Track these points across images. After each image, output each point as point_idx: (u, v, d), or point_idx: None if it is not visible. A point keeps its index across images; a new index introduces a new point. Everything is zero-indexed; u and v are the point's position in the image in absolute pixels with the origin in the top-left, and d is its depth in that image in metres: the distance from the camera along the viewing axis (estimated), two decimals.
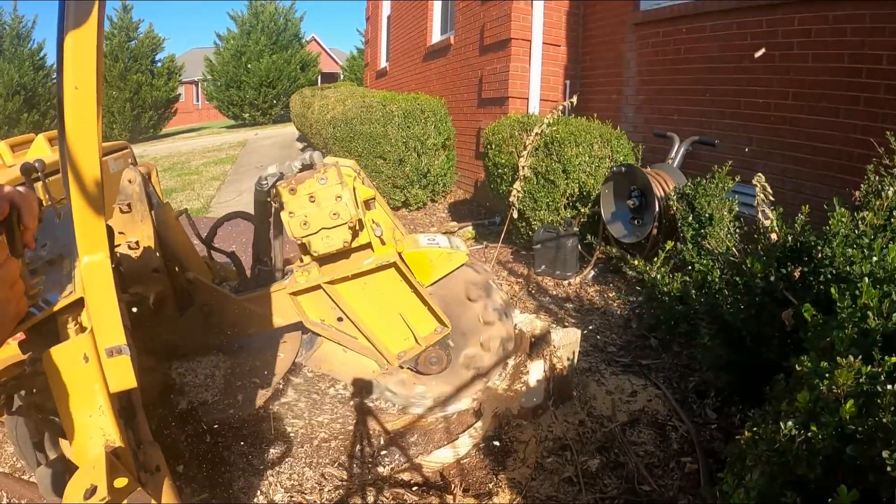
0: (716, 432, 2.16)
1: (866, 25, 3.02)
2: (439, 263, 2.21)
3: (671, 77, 4.43)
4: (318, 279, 2.06)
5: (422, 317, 2.19)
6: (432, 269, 2.20)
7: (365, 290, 2.11)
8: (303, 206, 1.87)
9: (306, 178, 1.87)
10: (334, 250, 1.94)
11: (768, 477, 1.13)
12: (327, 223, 1.88)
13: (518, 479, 1.97)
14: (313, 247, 1.93)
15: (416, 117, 5.97)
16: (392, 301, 2.15)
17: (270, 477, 2.08)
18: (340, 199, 1.86)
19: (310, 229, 1.88)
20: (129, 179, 2.00)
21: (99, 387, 1.08)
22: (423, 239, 2.28)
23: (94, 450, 1.08)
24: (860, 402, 1.03)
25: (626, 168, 3.70)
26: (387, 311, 2.17)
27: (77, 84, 0.94)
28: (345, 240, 1.91)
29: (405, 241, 2.25)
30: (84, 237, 1.03)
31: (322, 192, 1.86)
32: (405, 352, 2.22)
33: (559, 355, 2.29)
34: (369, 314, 2.16)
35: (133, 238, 2.00)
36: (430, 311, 2.17)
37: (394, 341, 2.22)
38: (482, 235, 5.18)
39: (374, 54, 11.81)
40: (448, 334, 2.22)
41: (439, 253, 2.21)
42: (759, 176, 2.44)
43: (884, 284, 1.28)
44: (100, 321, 1.06)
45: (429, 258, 2.20)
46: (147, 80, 19.58)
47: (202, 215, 6.79)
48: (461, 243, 2.34)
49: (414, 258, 2.16)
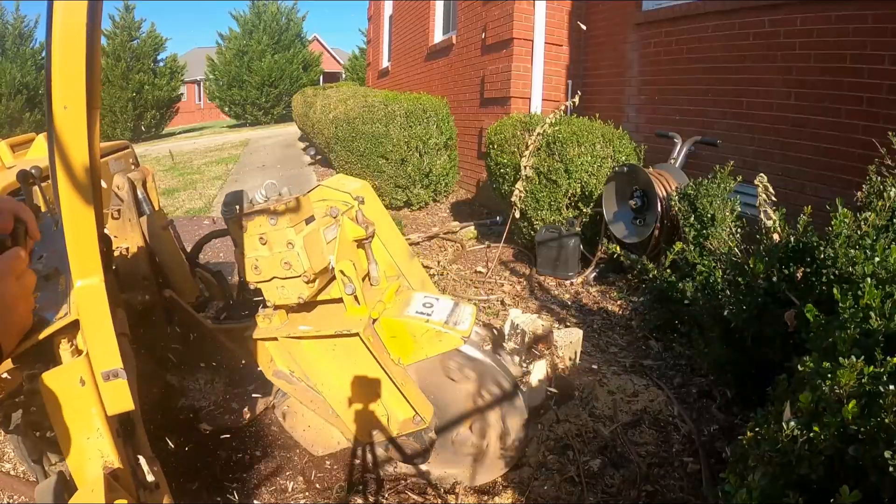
0: (718, 432, 2.16)
1: (868, 26, 3.01)
2: (425, 342, 1.73)
3: (673, 77, 4.43)
4: (277, 331, 1.73)
5: (398, 397, 1.72)
6: (415, 347, 1.73)
7: (334, 352, 1.71)
8: (254, 248, 1.56)
9: (256, 214, 1.53)
10: (290, 304, 1.64)
11: (770, 477, 1.13)
12: (279, 272, 1.55)
13: (520, 478, 1.97)
14: (268, 296, 1.64)
15: (419, 117, 5.97)
16: (365, 372, 1.73)
17: (268, 479, 2.09)
18: (292, 246, 1.51)
19: (261, 275, 1.58)
20: (117, 186, 1.90)
21: (96, 410, 1.08)
22: (418, 302, 1.82)
23: (92, 471, 1.08)
24: (862, 403, 1.03)
25: (629, 168, 3.70)
26: (359, 380, 1.74)
27: (66, 104, 0.90)
28: (300, 294, 1.58)
29: (394, 302, 1.81)
30: (78, 261, 1.01)
31: (272, 235, 1.52)
32: (377, 430, 1.80)
33: (561, 355, 2.29)
34: (339, 380, 1.76)
35: (124, 244, 1.92)
36: (404, 398, 1.71)
37: (366, 416, 1.78)
38: (484, 235, 5.18)
39: (377, 54, 11.81)
40: (426, 427, 1.76)
41: (425, 330, 1.72)
42: (761, 176, 2.44)
43: (886, 285, 1.28)
44: (95, 345, 1.06)
45: (411, 332, 1.72)
46: (149, 80, 19.64)
47: (204, 214, 6.80)
48: (467, 316, 1.80)
49: (394, 328, 1.73)
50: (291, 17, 23.04)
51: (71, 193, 0.95)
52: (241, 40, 21.94)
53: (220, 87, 22.15)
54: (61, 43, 0.86)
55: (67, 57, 0.88)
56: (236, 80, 21.73)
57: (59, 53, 0.87)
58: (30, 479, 2.08)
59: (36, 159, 2.04)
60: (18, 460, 2.22)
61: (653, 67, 4.68)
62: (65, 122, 0.91)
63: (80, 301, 1.03)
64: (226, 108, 22.56)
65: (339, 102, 7.22)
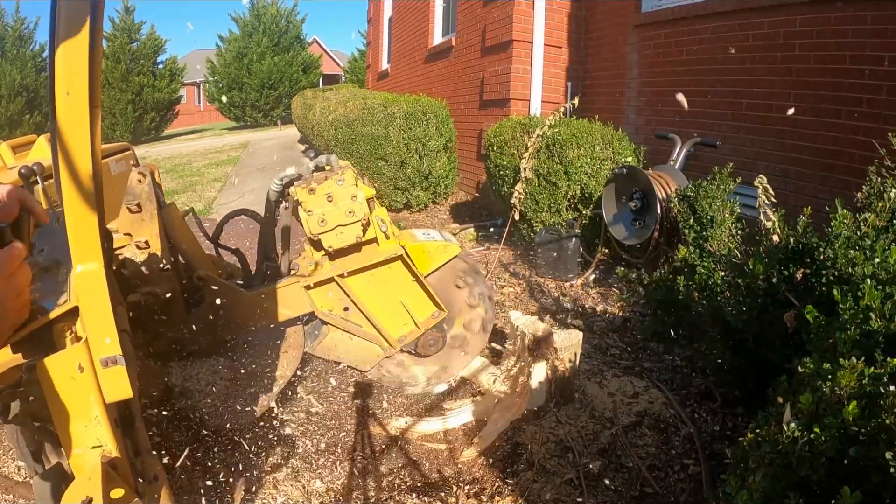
0: (718, 434, 2.16)
1: (868, 27, 3.02)
2: (437, 254, 2.42)
3: (673, 78, 4.43)
4: (331, 272, 2.20)
5: (420, 303, 2.37)
6: (430, 260, 2.41)
7: (371, 281, 2.28)
8: (321, 205, 2.04)
9: (325, 179, 2.05)
10: (347, 245, 2.10)
11: (771, 479, 1.12)
12: (343, 220, 2.05)
13: (520, 480, 1.97)
14: (328, 242, 2.09)
15: (418, 119, 5.97)
16: (394, 290, 2.33)
17: (270, 481, 2.08)
18: (356, 198, 2.04)
19: (326, 226, 2.05)
20: (138, 179, 2.00)
21: (94, 397, 1.07)
22: (419, 233, 2.51)
23: (90, 460, 1.07)
24: (863, 404, 1.03)
25: (628, 169, 3.70)
26: (389, 299, 2.33)
27: (69, 90, 0.91)
28: (357, 235, 2.08)
29: (404, 236, 2.42)
30: (78, 245, 1.01)
31: (339, 192, 2.04)
32: (405, 336, 2.39)
33: (561, 357, 2.29)
34: (374, 303, 2.31)
35: (142, 238, 2.01)
36: (430, 297, 2.36)
37: (395, 327, 2.38)
38: (484, 237, 5.18)
39: (376, 56, 11.83)
40: (444, 318, 2.41)
41: (436, 245, 2.42)
42: (760, 177, 2.44)
43: (886, 286, 1.28)
44: (94, 331, 1.05)
45: (427, 250, 2.40)
46: (149, 82, 19.64)
47: (204, 216, 6.80)
48: (451, 236, 2.57)
49: (414, 250, 2.35)
50: (291, 19, 23.05)
51: (72, 180, 0.96)
52: (240, 42, 21.95)
53: (220, 89, 22.16)
54: (64, 30, 0.87)
55: (70, 44, 0.89)
56: (236, 83, 21.73)
57: (63, 40, 0.88)
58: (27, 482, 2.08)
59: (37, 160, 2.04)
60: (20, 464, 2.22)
61: (652, 69, 4.69)
62: (67, 108, 0.92)
63: (80, 286, 1.03)
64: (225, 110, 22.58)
65: (339, 104, 7.22)
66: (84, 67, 0.91)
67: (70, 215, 0.99)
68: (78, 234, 1.01)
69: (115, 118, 18.77)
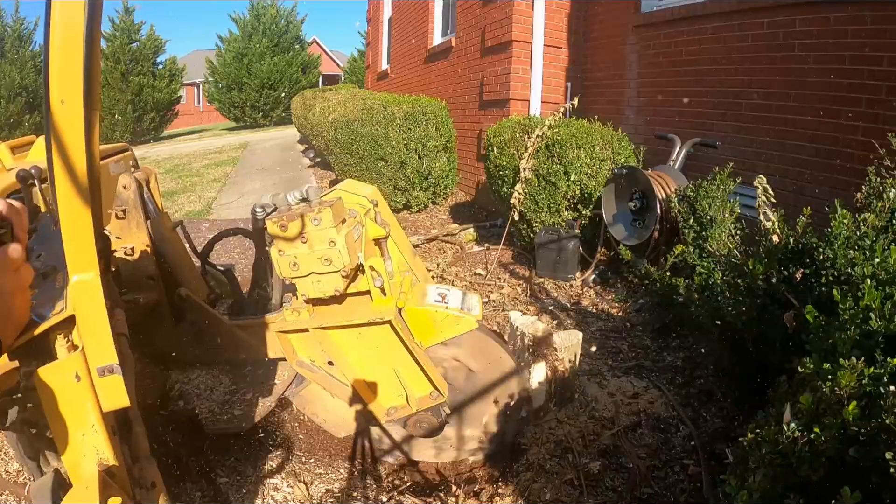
0: (718, 434, 2.16)
1: (867, 27, 3.02)
2: (444, 326, 1.99)
3: (673, 79, 4.43)
4: (308, 323, 1.88)
5: (418, 376, 1.96)
6: (436, 331, 1.99)
7: (360, 339, 1.91)
8: (293, 246, 1.68)
9: (298, 215, 1.65)
10: (325, 297, 1.76)
11: (771, 479, 1.12)
12: (318, 268, 1.68)
13: (520, 480, 1.97)
14: (302, 289, 1.76)
15: (418, 119, 5.97)
16: (387, 356, 1.92)
17: (270, 481, 2.08)
18: (334, 244, 1.65)
19: (299, 271, 1.70)
20: (123, 185, 1.96)
21: (91, 405, 1.07)
22: (433, 293, 2.06)
23: (87, 468, 1.07)
24: (863, 404, 1.03)
25: (628, 170, 3.70)
26: (381, 364, 1.95)
27: (63, 98, 0.90)
28: (336, 288, 1.72)
29: (412, 293, 2.02)
30: (74, 255, 1.01)
31: (314, 235, 1.66)
32: (395, 409, 1.99)
33: (561, 357, 2.29)
34: (361, 365, 1.95)
35: (129, 244, 1.97)
36: (426, 376, 1.93)
37: (385, 396, 1.99)
38: (483, 237, 5.18)
39: (376, 56, 11.82)
40: (443, 402, 1.97)
41: (445, 315, 1.98)
42: (760, 178, 2.44)
43: (886, 286, 1.28)
44: (91, 340, 1.05)
45: (433, 319, 1.98)
46: (149, 82, 19.62)
47: (203, 217, 6.79)
48: (476, 303, 2.06)
49: (416, 315, 1.97)
50: (291, 20, 23.05)
51: (68, 188, 0.95)
52: (240, 43, 21.95)
53: (220, 89, 22.15)
54: (59, 38, 0.86)
55: (65, 51, 0.88)
56: (236, 83, 21.73)
57: (57, 48, 0.87)
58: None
59: (36, 161, 2.04)
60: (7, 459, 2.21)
61: (652, 69, 4.69)
62: (62, 116, 0.91)
63: (76, 296, 1.03)
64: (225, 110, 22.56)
65: (339, 105, 7.22)
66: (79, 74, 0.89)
67: (66, 227, 0.98)
68: (74, 245, 1.01)
69: (114, 118, 18.76)
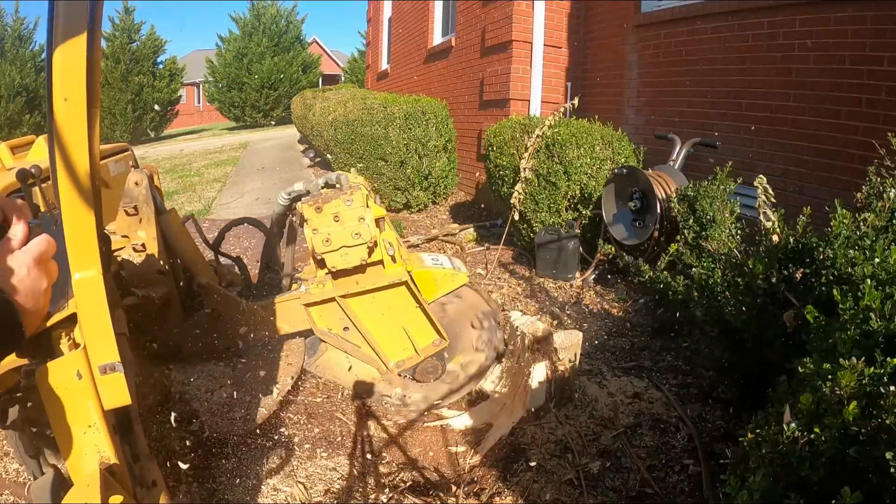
0: (718, 434, 2.16)
1: (867, 27, 3.02)
2: (443, 283, 2.40)
3: (673, 79, 4.43)
4: (333, 292, 2.17)
5: (422, 330, 2.32)
6: (436, 288, 2.39)
7: (374, 303, 2.24)
8: (327, 225, 1.98)
9: (333, 198, 1.98)
10: (351, 267, 2.05)
11: (771, 479, 1.12)
12: (348, 242, 1.99)
13: (520, 481, 1.97)
14: (331, 262, 2.03)
15: (418, 119, 5.97)
16: (397, 314, 2.27)
17: (270, 482, 2.08)
18: (363, 220, 1.98)
19: (331, 246, 2.00)
20: (135, 182, 2.01)
21: (93, 404, 1.07)
22: (428, 258, 2.46)
23: (88, 467, 1.07)
24: (863, 404, 1.03)
25: (628, 170, 3.70)
26: (391, 323, 2.28)
27: (66, 96, 0.90)
28: (362, 258, 2.03)
29: (412, 260, 2.39)
30: (76, 252, 1.01)
31: (346, 213, 1.98)
32: (404, 361, 2.34)
33: (561, 357, 2.29)
34: (375, 325, 2.28)
35: (139, 241, 2.01)
36: (433, 325, 2.30)
37: (395, 351, 2.33)
38: (484, 237, 5.18)
39: (376, 56, 11.82)
40: (445, 347, 2.34)
41: (443, 273, 2.39)
42: (760, 177, 2.44)
43: (886, 286, 1.28)
44: (93, 338, 1.05)
45: (434, 277, 2.38)
46: (149, 82, 19.63)
47: (204, 217, 6.79)
48: (462, 264, 2.51)
49: (420, 276, 2.31)
50: (291, 20, 23.05)
51: (70, 185, 0.95)
52: (240, 42, 21.95)
53: (220, 89, 22.15)
54: (63, 35, 0.86)
55: (68, 49, 0.88)
56: (236, 83, 21.72)
57: (61, 45, 0.87)
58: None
59: (36, 161, 2.04)
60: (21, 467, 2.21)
61: (652, 69, 4.69)
62: (65, 113, 0.91)
63: (78, 293, 1.03)
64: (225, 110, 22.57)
65: (339, 105, 7.22)
66: (82, 72, 0.89)
67: (68, 224, 0.98)
68: (76, 242, 1.00)
69: (114, 118, 18.76)
